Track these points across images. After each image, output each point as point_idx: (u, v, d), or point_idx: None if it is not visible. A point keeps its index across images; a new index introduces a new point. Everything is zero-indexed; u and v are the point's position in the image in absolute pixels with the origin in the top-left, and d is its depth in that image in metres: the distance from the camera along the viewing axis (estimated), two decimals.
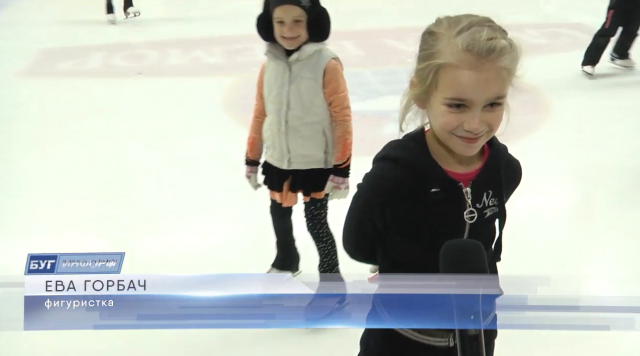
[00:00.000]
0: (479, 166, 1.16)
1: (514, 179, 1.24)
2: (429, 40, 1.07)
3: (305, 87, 2.07)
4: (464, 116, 1.04)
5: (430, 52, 1.05)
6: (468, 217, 1.13)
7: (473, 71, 1.01)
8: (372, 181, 1.17)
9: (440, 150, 1.13)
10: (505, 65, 1.02)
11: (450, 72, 1.02)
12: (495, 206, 1.17)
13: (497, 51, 1.00)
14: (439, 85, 1.05)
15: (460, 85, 1.02)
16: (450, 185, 1.12)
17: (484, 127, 1.05)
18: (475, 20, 1.04)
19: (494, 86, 1.02)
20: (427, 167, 1.12)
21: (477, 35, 1.00)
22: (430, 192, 1.12)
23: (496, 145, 1.18)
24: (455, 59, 1.02)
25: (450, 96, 1.03)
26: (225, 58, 6.10)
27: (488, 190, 1.15)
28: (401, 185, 1.12)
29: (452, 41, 1.02)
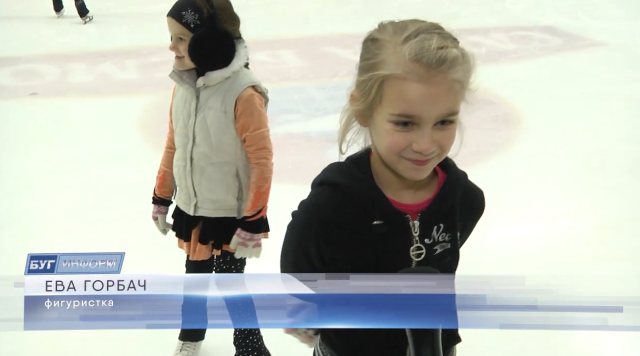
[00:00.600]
0: (431, 195, 1.17)
1: (473, 212, 1.25)
2: (372, 48, 1.08)
3: (212, 119, 1.97)
4: (413, 135, 1.05)
5: (373, 62, 1.06)
6: (415, 253, 1.14)
7: (422, 84, 1.02)
8: (307, 209, 1.17)
9: (387, 175, 1.14)
10: (458, 77, 1.04)
11: (397, 85, 1.03)
12: (447, 242, 1.18)
13: (449, 62, 1.02)
14: (383, 100, 1.06)
15: (408, 100, 1.03)
16: (396, 217, 1.13)
17: (435, 147, 1.06)
18: (424, 27, 1.05)
19: (445, 101, 1.04)
20: (370, 196, 1.13)
21: (426, 43, 1.02)
22: (372, 224, 1.12)
23: (453, 171, 1.20)
24: (401, 70, 1.03)
25: (396, 112, 1.04)
26: (141, 73, 6.02)
27: (439, 224, 1.17)
28: (339, 216, 1.13)
29: (397, 50, 1.03)
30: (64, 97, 5.40)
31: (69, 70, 6.09)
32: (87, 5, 7.86)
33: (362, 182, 1.14)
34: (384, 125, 1.07)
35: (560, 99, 5.27)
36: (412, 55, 1.02)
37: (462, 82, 1.05)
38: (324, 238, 1.15)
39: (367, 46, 1.10)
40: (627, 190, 3.65)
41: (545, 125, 4.66)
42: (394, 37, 1.05)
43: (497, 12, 8.60)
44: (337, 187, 1.14)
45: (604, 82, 5.61)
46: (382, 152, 1.11)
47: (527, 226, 3.38)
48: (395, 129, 1.05)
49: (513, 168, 4.00)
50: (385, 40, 1.06)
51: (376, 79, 1.05)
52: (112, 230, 3.30)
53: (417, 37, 1.03)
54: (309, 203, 1.18)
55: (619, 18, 6.54)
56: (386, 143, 1.08)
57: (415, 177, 1.11)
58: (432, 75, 1.02)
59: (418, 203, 1.16)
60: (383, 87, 1.05)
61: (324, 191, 1.16)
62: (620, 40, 6.83)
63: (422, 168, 1.09)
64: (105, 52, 6.65)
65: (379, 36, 1.08)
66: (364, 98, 1.08)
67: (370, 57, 1.07)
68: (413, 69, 1.02)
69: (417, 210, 1.15)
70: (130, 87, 5.64)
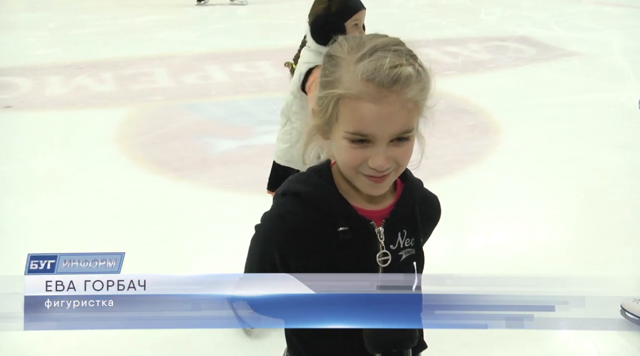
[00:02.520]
0: (392, 202, 1.18)
1: (431, 217, 1.27)
2: (329, 65, 1.10)
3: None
4: (368, 152, 1.06)
5: (330, 80, 1.08)
6: (381, 260, 1.15)
7: (375, 104, 1.03)
8: (270, 221, 1.17)
9: (348, 185, 1.15)
10: (411, 96, 1.05)
11: (351, 104, 1.05)
12: (412, 247, 1.19)
13: (402, 81, 1.03)
14: (339, 118, 1.07)
15: (362, 119, 1.04)
16: (361, 224, 1.14)
17: (391, 163, 1.07)
18: (380, 44, 1.06)
19: (398, 120, 1.05)
20: (334, 203, 1.14)
21: (379, 63, 1.03)
22: (337, 231, 1.13)
23: (410, 179, 1.22)
24: (355, 90, 1.04)
25: (351, 130, 1.06)
26: (118, 85, 5.98)
27: (403, 230, 1.18)
28: (304, 225, 1.13)
29: (352, 69, 1.05)
30: (39, 110, 5.34)
31: (44, 83, 6.03)
32: (61, 18, 7.78)
33: (325, 189, 1.15)
34: (340, 142, 1.08)
35: (535, 108, 5.34)
36: (365, 75, 1.03)
37: (415, 100, 1.06)
38: (290, 248, 1.14)
39: (326, 61, 1.12)
40: (603, 196, 3.70)
41: (521, 134, 4.71)
42: (350, 54, 1.07)
43: (473, 22, 8.71)
44: (300, 197, 1.15)
45: (577, 91, 5.70)
46: (341, 167, 1.13)
47: (504, 233, 3.41)
48: (351, 146, 1.07)
49: (491, 176, 4.03)
50: (342, 58, 1.08)
51: (332, 96, 1.07)
52: (86, 242, 3.25)
53: (371, 56, 1.04)
54: (271, 214, 1.17)
55: (591, 29, 6.66)
56: (343, 159, 1.10)
57: (373, 193, 1.13)
58: (385, 96, 1.03)
59: (380, 210, 1.17)
60: (339, 105, 1.07)
61: (286, 202, 1.16)
62: (593, 51, 6.95)
63: (379, 185, 1.11)
64: (81, 64, 6.59)
65: (336, 53, 1.10)
66: (322, 114, 1.10)
67: (328, 74, 1.09)
68: (366, 89, 1.03)
69: (380, 216, 1.16)
70: (107, 99, 5.59)
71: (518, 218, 3.55)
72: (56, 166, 4.21)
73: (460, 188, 3.81)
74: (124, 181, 3.96)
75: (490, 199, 3.70)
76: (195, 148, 4.43)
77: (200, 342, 2.44)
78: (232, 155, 4.31)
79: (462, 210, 3.57)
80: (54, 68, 6.46)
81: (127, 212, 3.55)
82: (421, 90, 1.06)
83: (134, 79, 6.07)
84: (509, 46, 7.25)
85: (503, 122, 4.92)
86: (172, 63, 6.58)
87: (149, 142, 4.54)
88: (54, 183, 3.96)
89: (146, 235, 3.27)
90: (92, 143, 4.56)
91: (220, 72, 6.32)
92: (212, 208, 3.57)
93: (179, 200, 3.72)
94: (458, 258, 3.17)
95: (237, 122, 4.94)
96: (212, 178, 3.97)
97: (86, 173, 4.10)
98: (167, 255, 3.05)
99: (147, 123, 4.95)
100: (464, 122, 4.91)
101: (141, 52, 7.04)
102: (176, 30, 8.00)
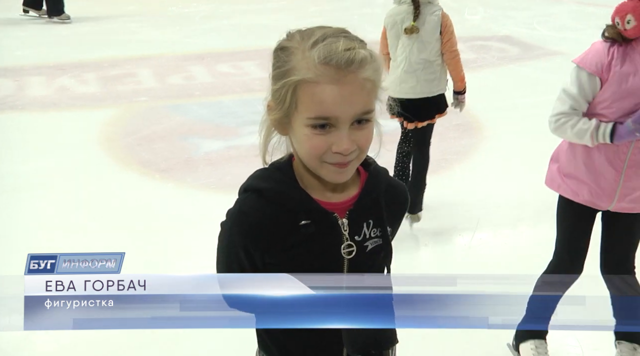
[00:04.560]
0: (356, 192, 1.19)
1: (397, 206, 1.27)
2: (282, 56, 1.11)
3: None
4: (332, 137, 1.07)
5: (284, 70, 1.09)
6: (346, 251, 1.16)
7: (334, 85, 1.05)
8: (233, 217, 1.17)
9: (310, 178, 1.16)
10: (369, 76, 1.07)
11: (310, 88, 1.06)
12: (378, 237, 1.20)
13: (358, 62, 1.05)
14: (299, 105, 1.08)
15: (323, 102, 1.05)
16: (323, 217, 1.15)
17: (355, 147, 1.08)
18: (330, 32, 1.08)
19: (359, 100, 1.06)
20: (295, 197, 1.15)
21: (333, 46, 1.05)
22: (299, 225, 1.14)
23: (374, 167, 1.22)
24: (313, 74, 1.05)
25: (313, 115, 1.06)
26: (101, 86, 5.94)
27: (368, 220, 1.19)
28: (266, 220, 1.14)
29: (307, 54, 1.06)
30: (21, 111, 5.29)
31: (25, 84, 5.98)
32: (39, 19, 7.76)
33: (286, 184, 1.16)
34: (302, 131, 1.09)
35: (519, 107, 5.38)
36: (321, 58, 1.04)
37: (373, 80, 1.08)
38: (254, 244, 1.15)
39: (277, 55, 1.12)
40: None
41: (505, 132, 4.76)
42: (302, 43, 1.08)
43: (457, 22, 8.71)
44: (261, 193, 1.16)
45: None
46: (304, 158, 1.13)
47: (489, 232, 3.44)
48: (313, 133, 1.08)
49: (476, 175, 4.06)
50: (294, 47, 1.09)
51: (289, 85, 1.07)
52: (71, 243, 3.24)
53: (324, 41, 1.05)
54: (234, 210, 1.18)
55: (573, 29, 6.72)
56: (306, 149, 1.10)
57: (338, 180, 1.13)
58: (343, 76, 1.04)
59: (344, 201, 1.18)
60: (297, 92, 1.07)
61: (247, 198, 1.17)
62: (575, 50, 6.97)
63: (343, 171, 1.11)
64: (64, 65, 6.54)
65: (287, 44, 1.11)
66: (279, 106, 1.10)
67: (282, 65, 1.10)
68: (324, 72, 1.05)
69: (344, 208, 1.17)
70: (91, 100, 5.55)
71: (503, 216, 3.59)
72: (41, 168, 4.18)
73: (446, 187, 3.83)
74: (109, 182, 3.94)
75: (476, 197, 3.73)
76: (180, 149, 4.42)
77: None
78: (218, 155, 4.30)
79: (447, 208, 3.60)
80: (35, 69, 6.40)
81: (112, 213, 3.54)
82: (375, 71, 1.08)
83: (119, 80, 6.04)
84: (493, 45, 7.30)
85: (488, 121, 4.96)
86: (156, 64, 6.55)
87: (134, 143, 4.53)
88: (39, 185, 3.93)
89: (131, 236, 3.26)
90: (76, 144, 4.53)
91: (205, 73, 6.31)
92: (198, 209, 3.57)
93: (165, 200, 3.71)
94: (444, 257, 3.20)
95: (223, 122, 4.93)
96: (198, 178, 3.96)
97: (71, 175, 4.08)
98: (152, 256, 3.04)
99: (132, 124, 4.93)
100: (449, 121, 4.94)
101: (125, 52, 6.99)
102: (160, 30, 7.96)
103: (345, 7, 8.46)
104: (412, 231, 3.27)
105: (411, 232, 3.26)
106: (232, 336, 2.49)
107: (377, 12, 8.36)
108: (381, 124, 1.16)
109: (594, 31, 2.60)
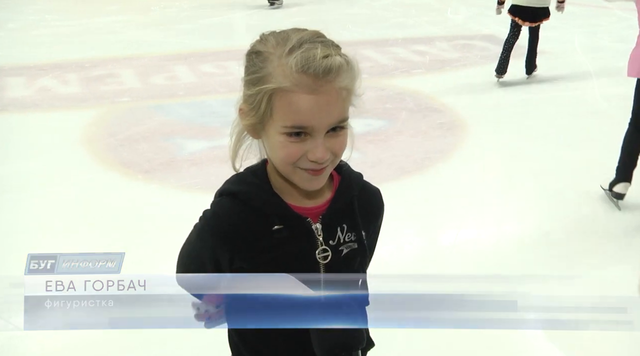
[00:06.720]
0: (329, 197, 1.19)
1: (372, 210, 1.27)
2: (257, 61, 1.09)
3: None
4: (307, 145, 1.07)
5: (260, 76, 1.08)
6: (321, 256, 1.16)
7: (311, 95, 1.04)
8: (207, 220, 1.17)
9: (283, 183, 1.16)
10: (345, 84, 1.06)
11: (286, 97, 1.05)
12: (353, 241, 1.19)
13: (335, 70, 1.04)
14: (274, 113, 1.07)
15: (299, 111, 1.04)
16: (296, 222, 1.15)
17: (329, 155, 1.08)
18: (306, 36, 1.07)
19: (335, 109, 1.06)
20: (268, 202, 1.14)
21: (310, 53, 1.03)
22: (272, 230, 1.13)
23: (347, 171, 1.22)
24: (289, 83, 1.04)
25: (289, 124, 1.06)
26: (83, 87, 5.90)
27: (342, 224, 1.19)
28: (239, 224, 1.14)
29: (283, 62, 1.05)
30: (1, 112, 5.24)
31: (5, 85, 5.92)
32: (21, 18, 7.63)
33: (260, 188, 1.15)
34: (277, 138, 1.07)
35: (502, 106, 5.43)
36: (299, 66, 1.03)
37: (349, 88, 1.08)
38: (227, 247, 1.14)
39: (251, 59, 1.11)
40: (570, 193, 3.78)
41: (488, 131, 4.79)
42: (278, 48, 1.06)
43: (440, 22, 8.80)
44: (236, 197, 1.15)
45: (541, 89, 5.81)
46: (277, 164, 1.12)
47: (473, 230, 3.46)
48: (288, 141, 1.07)
49: (459, 173, 4.09)
50: (269, 53, 1.07)
51: (265, 92, 1.06)
52: (55, 244, 3.21)
53: (301, 48, 1.04)
54: (208, 214, 1.18)
55: (554, 28, 6.79)
56: (281, 156, 1.09)
57: (312, 187, 1.13)
58: (320, 85, 1.03)
59: (317, 206, 1.17)
60: (272, 100, 1.06)
61: (222, 201, 1.16)
62: (558, 49, 7.09)
63: (318, 178, 1.11)
64: (44, 65, 6.49)
65: (262, 48, 1.09)
66: (254, 112, 1.09)
67: (256, 70, 1.08)
68: (301, 81, 1.03)
69: (317, 212, 1.17)
70: (73, 101, 5.51)
71: (487, 214, 3.62)
72: (22, 169, 4.14)
73: (429, 186, 3.86)
74: (92, 183, 3.92)
75: (459, 196, 3.76)
76: (164, 150, 4.40)
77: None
78: (202, 155, 4.29)
79: (431, 207, 3.62)
80: (15, 69, 6.35)
81: (95, 214, 3.52)
82: (352, 79, 1.08)
83: (100, 80, 6.00)
84: (475, 44, 7.35)
85: (470, 119, 4.99)
86: (139, 64, 6.52)
87: (117, 144, 4.50)
88: (21, 186, 3.90)
89: (115, 237, 3.25)
90: (58, 145, 4.50)
91: (189, 73, 6.29)
92: (182, 209, 3.56)
93: (148, 201, 3.70)
94: (428, 255, 3.22)
95: (207, 122, 4.92)
96: (182, 179, 3.95)
97: (53, 176, 4.04)
98: (137, 256, 3.02)
99: (115, 124, 4.91)
100: (432, 119, 4.97)
101: (107, 53, 6.95)
102: (142, 30, 7.93)
103: (328, 9, 8.48)
104: (398, 227, 3.29)
105: (395, 231, 3.29)
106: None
107: (361, 12, 8.39)
108: (352, 127, 1.15)
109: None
